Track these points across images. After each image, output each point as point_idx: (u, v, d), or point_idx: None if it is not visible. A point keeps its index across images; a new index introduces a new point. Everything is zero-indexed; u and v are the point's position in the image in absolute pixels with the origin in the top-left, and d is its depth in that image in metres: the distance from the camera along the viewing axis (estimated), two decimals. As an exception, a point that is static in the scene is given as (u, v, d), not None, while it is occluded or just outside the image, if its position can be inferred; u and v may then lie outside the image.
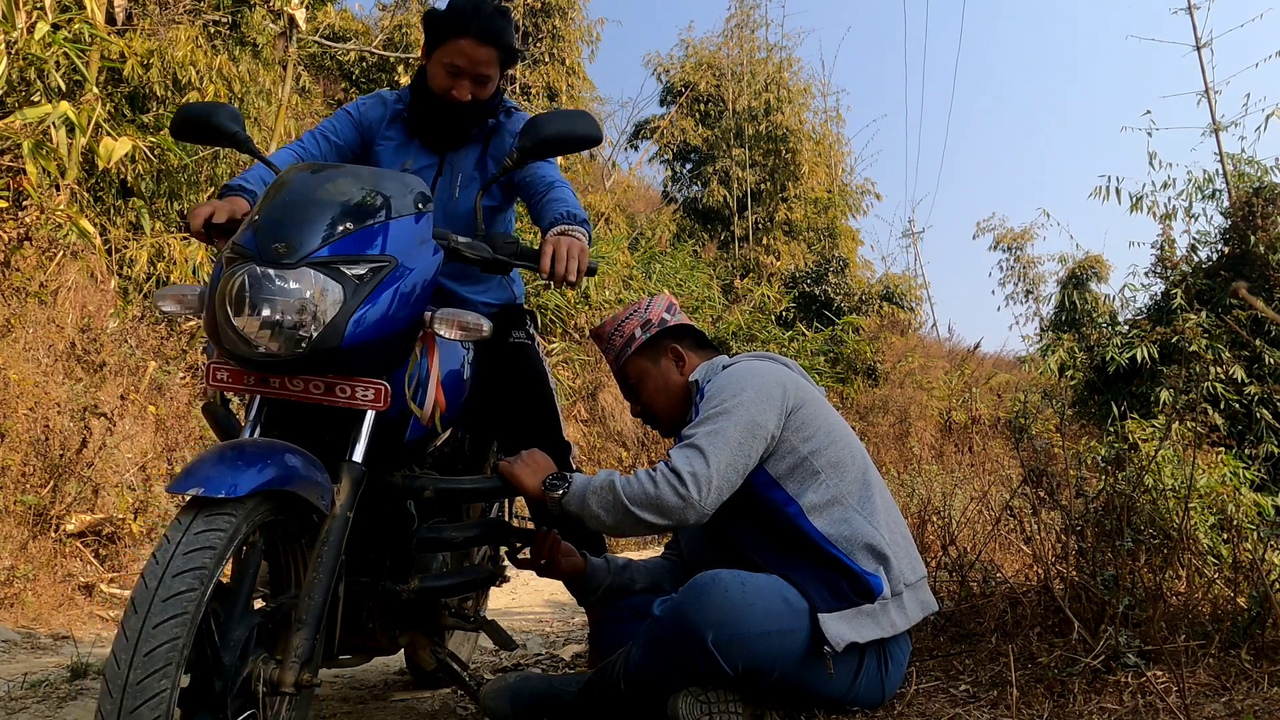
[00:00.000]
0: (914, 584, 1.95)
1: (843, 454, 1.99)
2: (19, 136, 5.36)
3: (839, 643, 1.79)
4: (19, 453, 4.94)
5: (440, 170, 2.41)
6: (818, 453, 1.95)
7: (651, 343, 2.23)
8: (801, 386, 2.05)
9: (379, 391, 1.69)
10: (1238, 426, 7.21)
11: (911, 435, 14.40)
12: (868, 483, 1.99)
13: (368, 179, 1.77)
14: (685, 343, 2.25)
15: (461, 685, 2.34)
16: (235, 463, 1.45)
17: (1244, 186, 8.80)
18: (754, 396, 1.94)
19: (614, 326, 2.27)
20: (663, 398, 2.22)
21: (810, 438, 1.96)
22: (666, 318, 2.25)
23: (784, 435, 1.95)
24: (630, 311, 2.27)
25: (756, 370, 2.04)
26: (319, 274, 1.60)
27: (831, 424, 2.03)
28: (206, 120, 2.01)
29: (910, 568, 1.96)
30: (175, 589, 1.32)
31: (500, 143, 2.43)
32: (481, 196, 2.08)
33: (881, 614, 1.87)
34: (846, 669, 1.85)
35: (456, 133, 2.38)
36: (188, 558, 1.35)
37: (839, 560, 1.88)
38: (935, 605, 2.01)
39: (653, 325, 2.23)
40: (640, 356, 2.23)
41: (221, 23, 7.83)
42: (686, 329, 2.27)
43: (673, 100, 19.16)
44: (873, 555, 1.89)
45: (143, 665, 1.28)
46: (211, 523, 1.38)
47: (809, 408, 2.00)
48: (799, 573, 1.87)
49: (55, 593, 4.58)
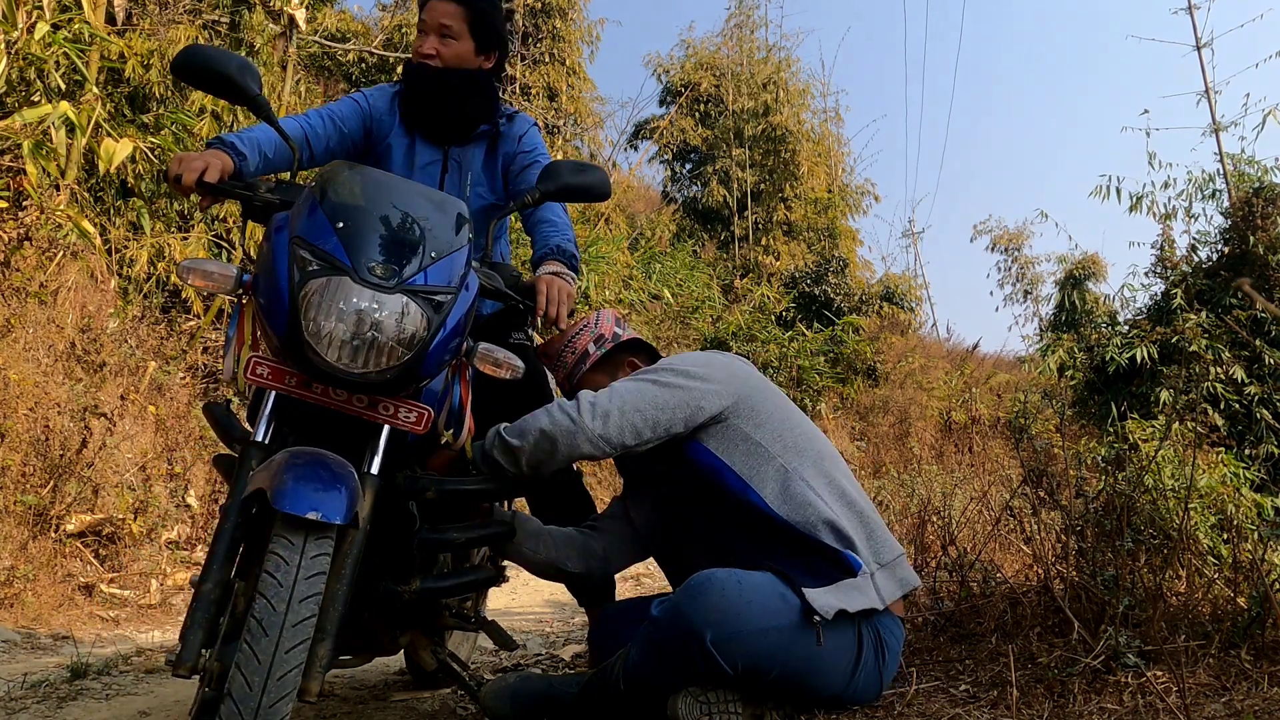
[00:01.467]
0: (889, 563, 1.95)
1: (800, 440, 2.01)
2: (19, 136, 5.36)
3: (828, 611, 1.78)
4: (19, 453, 4.94)
5: (446, 167, 2.42)
6: (772, 439, 1.98)
7: (608, 357, 2.26)
8: (755, 378, 2.10)
9: (422, 416, 1.71)
10: (1238, 426, 7.21)
11: (911, 435, 14.41)
12: (824, 469, 2.00)
13: (440, 204, 1.79)
14: (641, 356, 2.28)
15: (461, 685, 2.34)
16: (332, 484, 1.49)
17: (1244, 186, 8.80)
18: (690, 366, 2.01)
19: (564, 343, 2.28)
20: None
21: (762, 424, 2.00)
22: (619, 332, 2.28)
23: (735, 422, 1.99)
24: (580, 327, 2.29)
25: (709, 354, 2.11)
26: (414, 302, 1.62)
27: (786, 413, 2.06)
28: (222, 71, 1.85)
29: (885, 548, 1.96)
30: (302, 614, 1.40)
31: (505, 147, 2.46)
32: (494, 225, 2.10)
33: (866, 586, 1.87)
34: (844, 658, 1.84)
35: (445, 111, 2.39)
36: (310, 582, 1.42)
37: (809, 540, 1.89)
38: (917, 581, 2.01)
39: (606, 340, 2.26)
40: (596, 372, 2.25)
41: (221, 23, 7.84)
42: (639, 343, 2.30)
43: (672, 100, 19.16)
44: (837, 536, 1.90)
45: (276, 689, 1.36)
46: (321, 546, 1.45)
47: (760, 396, 2.04)
48: (775, 558, 1.88)
49: (55, 593, 4.58)
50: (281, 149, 2.15)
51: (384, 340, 1.58)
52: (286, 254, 1.63)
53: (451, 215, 1.78)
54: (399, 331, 1.59)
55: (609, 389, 1.99)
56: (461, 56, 2.36)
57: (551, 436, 1.94)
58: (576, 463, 2.20)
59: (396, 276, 1.61)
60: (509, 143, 2.47)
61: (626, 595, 3.19)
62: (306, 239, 1.63)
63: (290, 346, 1.60)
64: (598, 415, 1.93)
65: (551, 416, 1.96)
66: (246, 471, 1.62)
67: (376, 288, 1.59)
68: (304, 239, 1.63)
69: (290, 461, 1.51)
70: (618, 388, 1.99)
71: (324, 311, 1.57)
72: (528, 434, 1.96)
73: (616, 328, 2.28)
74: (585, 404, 1.95)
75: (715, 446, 1.99)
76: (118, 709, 2.60)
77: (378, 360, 1.59)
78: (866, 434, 14.19)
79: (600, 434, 1.93)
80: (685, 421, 1.97)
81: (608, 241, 12.67)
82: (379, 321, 1.58)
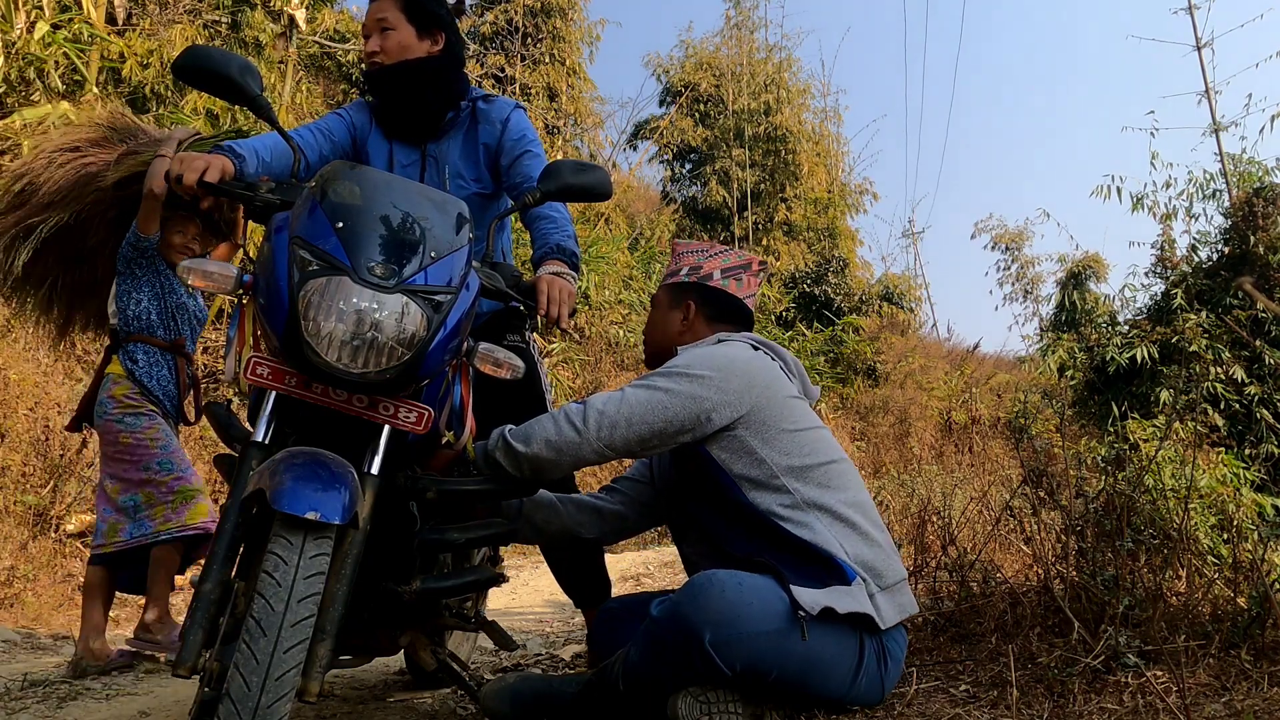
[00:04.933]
0: (891, 586, 1.93)
1: (807, 459, 1.97)
2: (19, 136, 5.36)
3: (814, 607, 1.76)
4: (19, 453, 4.94)
5: (424, 165, 2.42)
6: (778, 456, 1.95)
7: (683, 287, 2.25)
8: (773, 385, 2.03)
9: (421, 416, 1.71)
10: (1238, 426, 7.21)
11: (911, 435, 14.41)
12: (829, 491, 1.96)
13: (440, 203, 1.79)
14: (705, 310, 2.23)
15: (461, 685, 2.34)
16: (331, 484, 1.49)
17: (1244, 186, 8.80)
18: (706, 370, 1.97)
19: (684, 250, 2.32)
20: (655, 334, 2.30)
21: (770, 440, 1.96)
22: (717, 276, 2.24)
23: (742, 434, 1.96)
24: (704, 250, 2.30)
25: (731, 354, 2.04)
26: (413, 302, 1.61)
27: (799, 427, 2.01)
28: (224, 73, 1.86)
29: (889, 571, 1.94)
30: (301, 615, 1.39)
31: (486, 130, 2.44)
32: (495, 224, 2.10)
33: (860, 595, 1.85)
34: (845, 664, 1.84)
35: (404, 108, 2.40)
36: (308, 582, 1.41)
37: (804, 545, 1.88)
38: (915, 608, 2.00)
39: (697, 274, 2.25)
40: (668, 290, 2.29)
41: (221, 22, 7.84)
42: (719, 296, 2.24)
43: (672, 100, 19.18)
44: (843, 553, 1.89)
45: (274, 689, 1.35)
46: (320, 546, 1.45)
47: (773, 408, 1.99)
48: (769, 554, 1.88)
49: (55, 593, 4.59)
50: (279, 155, 2.17)
51: (384, 340, 1.58)
52: (286, 254, 1.63)
53: (452, 215, 1.78)
54: (399, 331, 1.59)
55: (620, 396, 1.96)
56: (403, 45, 2.35)
57: (557, 445, 1.94)
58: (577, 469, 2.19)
59: (396, 276, 1.61)
60: (489, 128, 2.44)
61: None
62: (306, 239, 1.63)
63: (290, 346, 1.60)
64: (604, 426, 1.93)
65: (558, 425, 1.96)
66: (246, 471, 1.61)
67: (376, 288, 1.59)
68: (304, 239, 1.63)
69: (290, 461, 1.51)
70: (629, 396, 1.96)
71: (324, 311, 1.57)
72: (533, 440, 1.95)
73: (720, 274, 2.24)
74: (593, 413, 1.94)
75: (719, 455, 1.97)
76: (118, 709, 2.60)
77: (377, 360, 1.59)
78: (866, 434, 14.19)
79: (606, 444, 1.93)
80: (693, 434, 1.96)
81: (608, 241, 12.68)
82: (379, 321, 1.58)
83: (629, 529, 2.37)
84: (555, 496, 2.28)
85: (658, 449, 1.99)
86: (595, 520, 2.29)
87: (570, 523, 2.26)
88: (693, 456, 2.03)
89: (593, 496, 2.35)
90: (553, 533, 2.27)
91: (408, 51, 2.35)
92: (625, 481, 2.36)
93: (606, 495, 2.34)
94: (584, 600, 2.59)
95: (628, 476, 2.37)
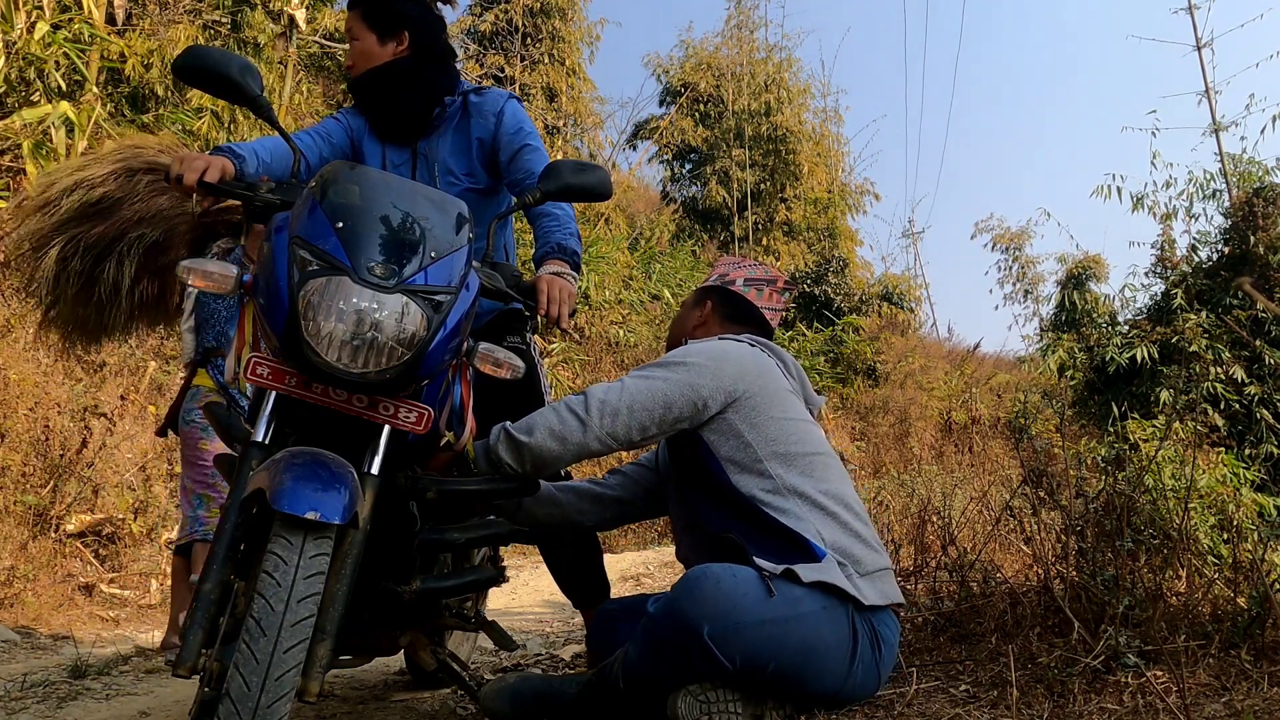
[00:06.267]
0: (871, 574, 1.93)
1: (792, 448, 2.00)
2: (19, 136, 5.37)
3: (775, 568, 1.80)
4: (19, 453, 4.95)
5: (415, 164, 2.42)
6: (764, 442, 1.98)
7: (707, 289, 2.37)
8: (765, 375, 2.07)
9: (421, 416, 1.71)
10: (1238, 426, 7.21)
11: (911, 435, 14.42)
12: (811, 480, 1.98)
13: (440, 203, 1.79)
14: (721, 310, 2.32)
15: (461, 685, 2.34)
16: (331, 484, 1.49)
17: (1244, 186, 8.80)
18: (703, 359, 2.02)
19: (722, 261, 2.48)
20: (674, 329, 2.43)
21: (758, 424, 1.99)
22: (739, 283, 2.35)
23: (731, 417, 1.99)
24: (738, 263, 2.43)
25: (724, 346, 2.11)
26: (413, 302, 1.61)
27: (787, 416, 2.04)
28: (224, 73, 1.86)
29: (869, 559, 1.95)
30: (300, 615, 1.39)
31: (478, 124, 2.44)
32: (497, 223, 2.10)
33: (829, 568, 1.85)
34: (840, 650, 1.83)
35: (384, 112, 2.42)
36: (308, 582, 1.41)
37: (776, 524, 1.90)
38: (899, 597, 2.01)
39: (723, 279, 2.37)
40: (696, 291, 2.43)
41: (221, 22, 7.84)
42: (736, 300, 2.32)
43: (672, 101, 19.17)
44: (819, 538, 1.91)
45: (274, 689, 1.35)
46: (320, 546, 1.45)
47: (764, 396, 2.03)
48: (737, 530, 1.91)
49: (55, 593, 4.59)
50: (279, 155, 2.17)
51: (384, 340, 1.58)
52: (286, 254, 1.63)
53: (452, 215, 1.78)
54: (399, 331, 1.59)
55: (620, 385, 2.01)
56: (366, 53, 2.37)
57: (560, 435, 1.95)
58: (580, 460, 2.20)
59: (396, 276, 1.61)
60: (481, 121, 2.44)
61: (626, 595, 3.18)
62: (306, 239, 1.63)
63: (290, 346, 1.60)
64: (607, 414, 1.96)
65: (560, 415, 1.97)
66: (246, 471, 1.61)
67: (376, 288, 1.59)
68: (304, 239, 1.63)
69: (289, 461, 1.51)
70: (628, 385, 2.00)
71: (323, 311, 1.57)
72: (535, 431, 1.97)
73: (743, 283, 2.35)
74: (595, 401, 1.97)
75: (709, 437, 2.01)
76: (118, 709, 2.60)
77: (377, 360, 1.59)
78: (866, 434, 14.20)
79: (609, 432, 1.96)
80: (691, 420, 2.00)
81: (608, 242, 12.68)
82: (379, 321, 1.58)
83: (630, 514, 2.39)
84: (554, 486, 2.29)
85: (657, 437, 2.01)
86: (595, 506, 2.31)
87: (571, 511, 2.28)
88: (688, 444, 2.05)
89: (591, 482, 2.37)
90: (554, 525, 2.30)
91: (372, 59, 2.37)
92: (630, 466, 2.39)
93: (607, 480, 2.37)
94: (583, 600, 2.59)
95: (633, 463, 2.40)
